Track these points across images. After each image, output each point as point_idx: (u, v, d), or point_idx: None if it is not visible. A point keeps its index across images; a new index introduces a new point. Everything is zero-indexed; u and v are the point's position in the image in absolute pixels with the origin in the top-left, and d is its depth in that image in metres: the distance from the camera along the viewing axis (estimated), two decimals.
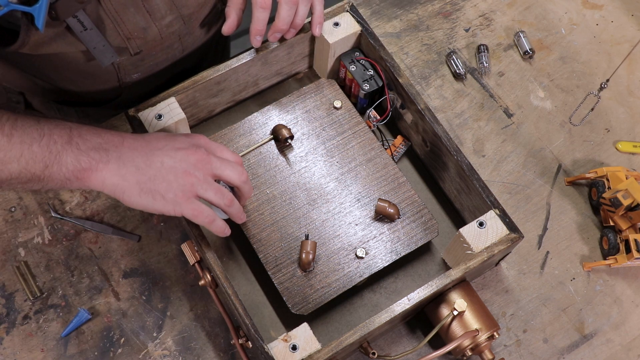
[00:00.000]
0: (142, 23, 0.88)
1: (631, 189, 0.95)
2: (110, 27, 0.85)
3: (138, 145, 0.78)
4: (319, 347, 0.82)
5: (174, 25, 0.93)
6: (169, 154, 0.78)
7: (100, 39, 0.84)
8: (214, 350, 0.94)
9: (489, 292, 0.99)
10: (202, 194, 0.80)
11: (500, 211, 0.90)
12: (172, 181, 0.78)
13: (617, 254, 0.98)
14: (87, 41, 0.84)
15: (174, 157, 0.78)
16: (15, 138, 0.71)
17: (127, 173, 0.76)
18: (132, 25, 0.87)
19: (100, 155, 0.75)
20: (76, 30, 0.81)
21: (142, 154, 0.77)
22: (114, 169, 0.76)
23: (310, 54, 1.07)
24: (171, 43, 0.96)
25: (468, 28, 1.19)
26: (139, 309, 0.95)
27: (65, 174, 0.74)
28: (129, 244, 0.99)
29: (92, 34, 0.83)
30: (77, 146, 0.74)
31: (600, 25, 1.20)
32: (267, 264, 0.92)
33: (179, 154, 0.79)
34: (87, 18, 0.81)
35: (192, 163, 0.79)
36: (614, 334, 0.98)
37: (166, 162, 0.78)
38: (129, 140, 0.78)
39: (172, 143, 0.80)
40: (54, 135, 0.74)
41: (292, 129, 1.00)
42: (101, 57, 0.87)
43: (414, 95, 0.97)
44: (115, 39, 0.87)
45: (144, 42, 0.91)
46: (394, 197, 0.96)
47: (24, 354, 0.93)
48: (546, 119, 1.12)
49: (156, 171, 0.77)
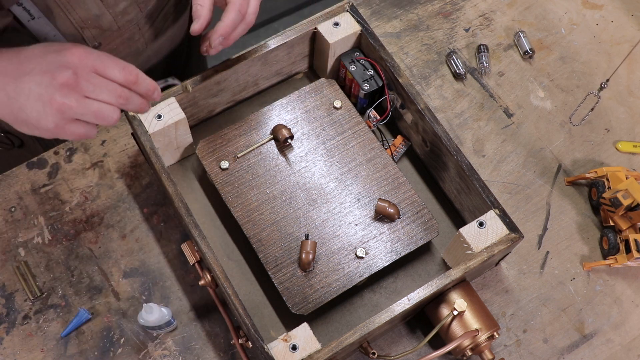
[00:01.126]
0: (94, 10, 0.84)
1: (631, 189, 0.95)
2: (60, 15, 0.81)
3: (10, 69, 0.71)
4: (319, 347, 0.82)
5: (130, 13, 0.89)
6: (36, 79, 0.71)
7: (50, 28, 0.80)
8: (214, 350, 0.94)
9: (489, 292, 0.99)
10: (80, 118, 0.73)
11: (500, 211, 0.90)
12: (41, 111, 0.71)
13: (617, 254, 0.98)
14: (35, 30, 0.80)
15: (40, 83, 0.70)
16: None
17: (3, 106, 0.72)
18: (83, 12, 0.82)
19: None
20: (23, 20, 0.78)
21: (12, 80, 0.71)
22: None
23: (310, 54, 1.07)
24: (131, 34, 0.92)
25: (468, 28, 1.19)
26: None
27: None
28: (129, 244, 0.99)
29: (41, 22, 0.79)
30: None
31: (600, 25, 1.20)
32: (267, 264, 0.92)
33: (45, 78, 0.71)
34: (34, 6, 0.77)
35: (57, 89, 0.71)
36: (614, 334, 0.98)
37: (33, 89, 0.71)
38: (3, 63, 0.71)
39: (40, 65, 0.71)
40: None
41: (292, 129, 1.00)
42: None
43: (414, 95, 0.97)
44: (67, 27, 0.83)
45: (100, 32, 0.87)
46: (394, 197, 0.96)
47: (24, 354, 0.93)
48: (546, 119, 1.12)
49: (25, 99, 0.71)
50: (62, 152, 1.04)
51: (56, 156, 1.04)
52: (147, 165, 1.04)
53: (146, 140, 0.92)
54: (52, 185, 1.02)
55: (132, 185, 1.03)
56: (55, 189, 1.02)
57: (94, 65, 0.72)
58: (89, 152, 1.05)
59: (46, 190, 1.02)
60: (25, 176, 1.03)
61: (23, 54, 0.72)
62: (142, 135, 0.92)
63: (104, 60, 0.73)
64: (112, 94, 0.73)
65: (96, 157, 1.04)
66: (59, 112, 0.71)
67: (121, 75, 0.73)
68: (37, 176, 1.03)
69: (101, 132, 1.06)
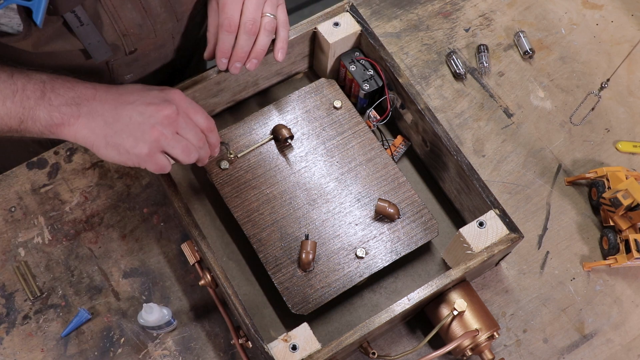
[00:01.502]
0: (138, 19, 0.87)
1: (631, 189, 0.95)
2: (107, 23, 0.85)
3: (109, 98, 0.79)
4: (319, 347, 0.82)
5: (168, 23, 0.92)
6: (139, 109, 0.79)
7: (95, 35, 0.84)
8: (214, 350, 0.94)
9: (489, 292, 0.99)
10: (168, 151, 0.81)
11: (500, 211, 0.90)
12: (138, 137, 0.79)
13: (617, 254, 0.98)
14: (82, 37, 0.83)
15: (143, 112, 0.79)
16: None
17: (96, 127, 0.78)
18: (128, 21, 0.87)
19: (72, 110, 0.77)
20: (73, 26, 0.81)
21: (111, 108, 0.79)
22: (84, 122, 0.78)
23: (310, 54, 1.07)
24: (164, 42, 0.95)
25: (468, 28, 1.19)
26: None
27: (39, 128, 0.77)
28: (129, 244, 0.99)
29: (88, 29, 0.82)
30: (49, 101, 0.76)
31: (600, 25, 1.20)
32: (267, 264, 0.92)
33: (148, 109, 0.79)
34: (85, 13, 0.80)
35: (160, 120, 0.79)
36: (614, 334, 0.98)
37: (134, 117, 0.78)
38: (101, 93, 0.79)
39: (143, 97, 0.80)
40: (27, 90, 0.76)
41: (292, 129, 1.00)
42: (95, 53, 0.86)
43: (414, 95, 0.97)
44: (111, 35, 0.87)
45: (138, 40, 0.91)
46: (394, 197, 0.96)
47: (24, 354, 0.93)
48: (546, 119, 1.12)
49: (123, 125, 0.78)
50: (62, 152, 1.04)
51: (56, 156, 1.04)
52: None
53: None
54: (52, 185, 1.02)
55: (132, 185, 1.03)
56: (55, 189, 1.02)
57: (187, 108, 0.83)
58: (89, 152, 1.05)
59: (46, 190, 1.02)
60: (25, 176, 1.03)
61: (121, 87, 0.81)
62: None
63: (194, 106, 0.84)
64: (196, 137, 0.83)
65: (96, 157, 1.04)
66: (156, 140, 0.79)
67: (204, 123, 0.84)
68: (37, 176, 1.03)
69: None
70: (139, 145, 0.79)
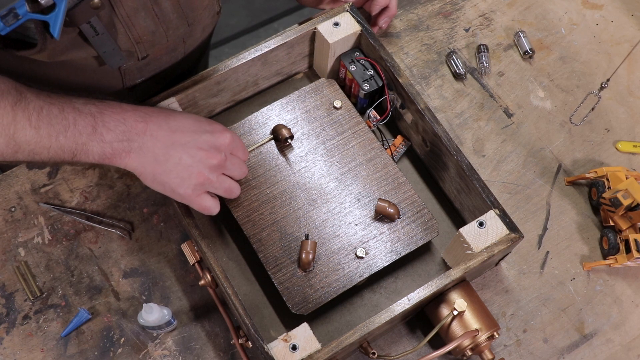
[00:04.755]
0: (151, 26, 0.89)
1: (631, 189, 0.95)
2: (122, 32, 0.86)
3: (161, 135, 0.81)
4: (319, 347, 0.82)
5: (180, 29, 0.94)
6: (189, 152, 0.81)
7: (110, 43, 0.85)
8: (214, 350, 0.94)
9: (489, 292, 0.99)
10: (212, 191, 0.85)
11: (500, 211, 0.90)
12: (185, 179, 0.81)
13: (617, 254, 0.98)
14: (97, 45, 0.85)
15: (193, 156, 0.82)
16: (43, 130, 0.75)
17: (146, 162, 0.81)
18: (142, 28, 0.88)
19: (124, 145, 0.79)
20: (88, 36, 0.82)
21: (162, 146, 0.81)
22: (135, 157, 0.80)
23: (310, 54, 1.07)
24: (176, 46, 0.97)
25: (468, 28, 1.19)
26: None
27: (92, 160, 0.80)
28: (129, 244, 0.99)
29: (104, 38, 0.84)
30: (101, 137, 0.78)
31: (600, 25, 1.20)
32: (267, 264, 0.92)
33: (198, 154, 0.82)
34: (100, 23, 0.81)
35: (209, 166, 0.83)
36: (614, 334, 0.98)
37: (184, 160, 0.81)
38: (153, 128, 0.80)
39: (194, 141, 0.82)
40: (79, 125, 0.77)
41: (292, 129, 0.99)
42: (110, 60, 0.88)
43: (414, 95, 0.97)
44: (125, 42, 0.88)
45: (151, 46, 0.92)
46: (394, 197, 0.96)
47: (24, 354, 0.93)
48: (546, 119, 1.12)
49: (172, 166, 0.81)
50: None
51: None
52: None
53: None
54: (52, 185, 1.02)
55: (132, 185, 1.03)
56: (55, 189, 1.02)
57: (235, 148, 0.86)
58: None
59: (46, 190, 1.02)
60: (25, 176, 1.03)
61: (172, 122, 0.82)
62: None
63: (239, 144, 0.87)
64: (241, 172, 0.88)
65: None
66: (201, 184, 0.83)
67: (244, 156, 0.89)
68: (37, 176, 1.03)
69: None
70: (184, 186, 0.82)
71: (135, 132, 0.80)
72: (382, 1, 1.08)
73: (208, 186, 0.84)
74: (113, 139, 0.79)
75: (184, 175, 0.82)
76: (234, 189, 0.88)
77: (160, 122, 0.81)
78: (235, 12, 2.26)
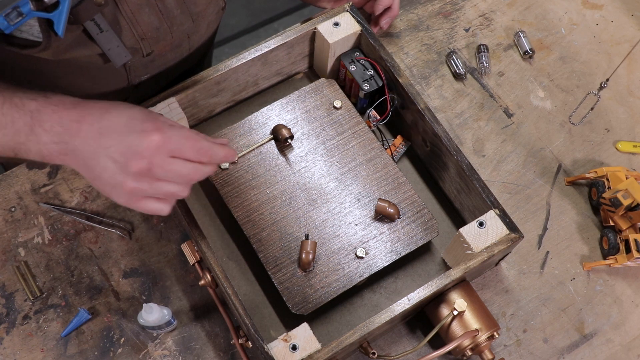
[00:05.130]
0: (155, 23, 0.89)
1: (631, 189, 0.95)
2: (126, 28, 0.86)
3: (90, 138, 0.74)
4: (319, 347, 0.82)
5: (184, 24, 0.94)
6: (112, 158, 0.73)
7: (115, 40, 0.85)
8: (214, 350, 0.94)
9: (489, 292, 0.99)
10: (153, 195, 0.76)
11: (500, 211, 0.90)
12: (114, 187, 0.75)
13: (617, 254, 0.98)
14: (102, 43, 0.84)
15: (115, 163, 0.73)
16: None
17: (79, 166, 0.76)
18: (146, 25, 0.88)
19: (59, 147, 0.74)
20: (93, 33, 0.82)
21: (90, 150, 0.74)
22: (71, 160, 0.75)
23: (310, 54, 1.07)
24: (180, 42, 0.97)
25: (468, 28, 1.19)
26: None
27: (32, 158, 0.76)
28: (129, 244, 0.99)
29: (108, 35, 0.83)
30: (38, 138, 0.74)
31: (600, 25, 1.20)
32: (267, 264, 0.92)
33: (120, 160, 0.73)
34: (104, 20, 0.81)
35: (131, 174, 0.73)
36: (614, 334, 0.98)
37: (108, 167, 0.74)
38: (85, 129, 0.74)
39: (118, 145, 0.74)
40: (16, 124, 0.74)
41: (292, 129, 0.99)
42: (115, 57, 0.87)
43: (414, 95, 0.97)
44: (129, 39, 0.88)
45: (155, 42, 0.92)
46: (394, 197, 0.96)
47: (24, 354, 0.93)
48: (546, 119, 1.12)
49: (100, 172, 0.74)
50: None
51: None
52: None
53: None
54: (52, 185, 1.02)
55: None
56: (55, 189, 1.02)
57: (171, 151, 0.74)
58: None
59: (46, 190, 1.02)
60: (25, 176, 1.03)
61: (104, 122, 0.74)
62: None
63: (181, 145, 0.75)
64: (183, 178, 0.76)
65: None
66: (130, 193, 0.74)
67: (195, 158, 0.76)
68: (37, 176, 1.03)
69: None
70: (116, 195, 0.75)
71: (69, 134, 0.74)
72: (385, 1, 1.07)
73: (141, 193, 0.75)
74: (49, 140, 0.74)
75: (112, 183, 0.74)
76: (177, 192, 0.76)
77: (93, 122, 0.74)
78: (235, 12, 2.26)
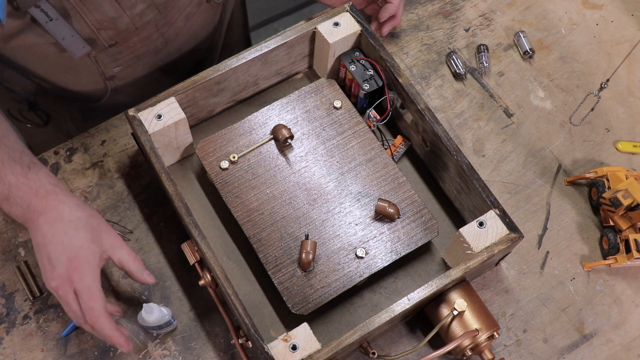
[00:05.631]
0: (111, 12, 0.86)
1: (631, 189, 0.95)
2: (77, 17, 0.84)
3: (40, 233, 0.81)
4: (319, 347, 0.82)
5: (148, 15, 0.91)
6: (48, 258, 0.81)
7: (68, 30, 0.84)
8: (214, 350, 0.94)
9: (489, 292, 0.99)
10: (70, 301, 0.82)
11: (500, 211, 0.90)
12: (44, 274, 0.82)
13: (617, 254, 0.98)
14: (54, 32, 0.83)
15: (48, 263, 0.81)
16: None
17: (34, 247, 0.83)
18: (99, 14, 0.86)
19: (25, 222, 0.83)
20: (41, 21, 0.81)
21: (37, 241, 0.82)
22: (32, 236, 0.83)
23: (310, 54, 1.07)
24: (149, 34, 0.94)
25: (468, 28, 1.19)
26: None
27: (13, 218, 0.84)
28: (129, 244, 0.99)
29: (59, 24, 0.82)
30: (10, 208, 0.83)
31: (600, 25, 1.20)
32: (267, 264, 0.92)
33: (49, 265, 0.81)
34: (52, 8, 0.80)
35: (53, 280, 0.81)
36: (614, 334, 0.98)
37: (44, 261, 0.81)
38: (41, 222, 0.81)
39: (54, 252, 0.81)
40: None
41: (292, 129, 1.00)
42: (72, 48, 0.86)
43: (414, 95, 0.97)
44: (84, 29, 0.86)
45: (116, 33, 0.90)
46: (394, 197, 0.96)
47: (24, 354, 0.93)
48: (546, 119, 1.12)
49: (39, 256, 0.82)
50: (62, 152, 1.04)
51: (56, 156, 1.04)
52: (147, 165, 1.04)
53: (146, 140, 0.92)
54: None
55: (132, 185, 1.03)
56: None
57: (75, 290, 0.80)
58: (89, 152, 1.05)
59: None
60: None
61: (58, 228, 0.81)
62: (142, 135, 0.92)
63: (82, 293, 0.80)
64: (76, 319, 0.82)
65: (96, 157, 1.04)
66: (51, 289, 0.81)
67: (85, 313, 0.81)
68: None
69: (101, 132, 1.06)
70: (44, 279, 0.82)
71: (28, 219, 0.82)
72: (391, 9, 1.06)
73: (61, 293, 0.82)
74: (17, 214, 0.83)
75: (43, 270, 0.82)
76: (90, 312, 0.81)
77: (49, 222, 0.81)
78: None
